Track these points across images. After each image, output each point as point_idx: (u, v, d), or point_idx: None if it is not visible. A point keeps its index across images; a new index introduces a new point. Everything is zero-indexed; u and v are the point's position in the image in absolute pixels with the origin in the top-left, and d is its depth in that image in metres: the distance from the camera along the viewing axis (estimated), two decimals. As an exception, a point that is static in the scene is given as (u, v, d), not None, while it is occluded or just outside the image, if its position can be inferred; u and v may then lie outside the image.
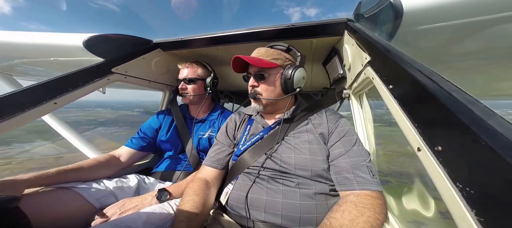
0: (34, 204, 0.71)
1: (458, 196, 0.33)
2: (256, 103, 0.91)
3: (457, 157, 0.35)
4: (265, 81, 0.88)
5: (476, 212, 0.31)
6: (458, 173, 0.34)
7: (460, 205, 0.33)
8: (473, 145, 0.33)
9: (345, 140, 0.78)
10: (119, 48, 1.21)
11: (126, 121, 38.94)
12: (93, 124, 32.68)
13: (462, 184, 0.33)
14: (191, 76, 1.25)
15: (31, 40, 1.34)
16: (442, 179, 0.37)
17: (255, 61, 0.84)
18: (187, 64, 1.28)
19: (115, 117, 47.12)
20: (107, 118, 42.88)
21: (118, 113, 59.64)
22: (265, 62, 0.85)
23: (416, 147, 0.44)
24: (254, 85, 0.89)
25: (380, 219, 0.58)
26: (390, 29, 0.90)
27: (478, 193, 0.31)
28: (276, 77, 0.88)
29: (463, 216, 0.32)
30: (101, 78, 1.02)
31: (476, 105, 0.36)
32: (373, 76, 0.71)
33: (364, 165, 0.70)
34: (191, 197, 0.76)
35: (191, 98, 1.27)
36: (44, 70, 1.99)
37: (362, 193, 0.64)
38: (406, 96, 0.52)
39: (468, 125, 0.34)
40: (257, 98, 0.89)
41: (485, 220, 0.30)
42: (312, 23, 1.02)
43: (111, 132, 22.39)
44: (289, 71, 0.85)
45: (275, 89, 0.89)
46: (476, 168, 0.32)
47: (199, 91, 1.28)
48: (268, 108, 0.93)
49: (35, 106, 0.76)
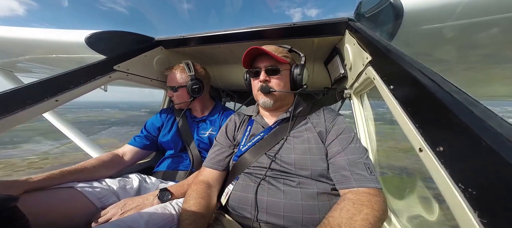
0: (36, 204, 0.71)
1: (460, 197, 0.33)
2: (267, 97, 0.89)
3: (459, 158, 0.35)
4: (277, 76, 0.88)
5: (479, 213, 0.30)
6: (461, 174, 0.34)
7: (463, 206, 0.32)
8: (475, 145, 0.33)
9: (342, 137, 0.78)
10: (120, 45, 1.21)
11: (136, 121, 39.22)
12: (106, 123, 32.86)
13: (464, 185, 0.33)
14: (173, 84, 1.23)
15: (32, 36, 1.33)
16: (444, 179, 0.36)
17: (273, 54, 0.84)
18: (169, 70, 1.25)
19: (125, 117, 47.46)
20: (118, 118, 43.21)
21: (126, 113, 59.91)
22: (280, 57, 0.86)
23: (418, 148, 0.44)
24: (266, 79, 0.88)
25: (378, 216, 0.58)
26: (390, 29, 0.90)
27: (481, 194, 0.31)
28: (287, 74, 0.90)
29: (466, 217, 0.32)
30: (102, 75, 1.01)
31: (476, 107, 0.36)
32: (374, 76, 0.71)
33: (361, 162, 0.70)
34: (197, 199, 0.77)
35: (178, 105, 1.27)
36: (45, 67, 1.99)
37: (360, 190, 0.65)
38: (407, 97, 0.52)
39: (470, 125, 0.34)
40: (270, 92, 0.87)
41: (488, 222, 0.29)
42: (313, 23, 1.02)
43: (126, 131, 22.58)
44: (298, 68, 0.88)
45: (285, 85, 0.90)
46: (479, 168, 0.32)
47: (183, 99, 1.25)
48: (276, 104, 0.92)
49: (37, 103, 0.76)
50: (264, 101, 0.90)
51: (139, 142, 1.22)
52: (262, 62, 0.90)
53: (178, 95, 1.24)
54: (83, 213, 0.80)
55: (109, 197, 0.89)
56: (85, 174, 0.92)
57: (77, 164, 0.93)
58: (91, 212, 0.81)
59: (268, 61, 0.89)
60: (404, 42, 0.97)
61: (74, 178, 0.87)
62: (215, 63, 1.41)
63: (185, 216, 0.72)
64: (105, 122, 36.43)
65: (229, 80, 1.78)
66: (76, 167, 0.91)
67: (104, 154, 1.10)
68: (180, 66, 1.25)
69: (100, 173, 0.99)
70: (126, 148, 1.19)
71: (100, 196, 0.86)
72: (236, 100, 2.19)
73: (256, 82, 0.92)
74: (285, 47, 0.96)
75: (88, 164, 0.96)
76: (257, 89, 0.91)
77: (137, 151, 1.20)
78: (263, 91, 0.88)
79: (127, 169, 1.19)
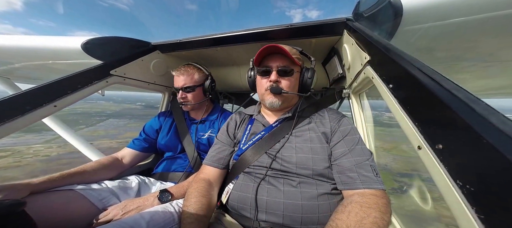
0: (38, 206, 0.71)
1: (458, 194, 0.33)
2: (276, 98, 0.86)
3: (458, 155, 0.36)
4: (289, 77, 0.87)
5: (477, 209, 0.31)
6: (459, 171, 0.35)
7: (461, 203, 0.33)
8: (474, 142, 0.33)
9: (348, 139, 0.78)
10: (117, 50, 1.21)
11: (131, 114, 39.31)
12: (103, 115, 32.95)
13: (462, 182, 0.33)
14: (189, 83, 1.21)
15: (29, 43, 1.34)
16: (443, 177, 0.37)
17: (291, 55, 0.81)
18: (182, 70, 1.22)
19: (121, 110, 47.59)
20: (114, 110, 43.32)
21: (122, 106, 60.04)
22: (295, 58, 0.84)
23: (417, 145, 0.44)
24: (277, 80, 0.85)
25: (386, 219, 0.57)
26: (389, 28, 0.90)
27: (479, 190, 0.31)
28: (298, 76, 0.89)
29: (464, 213, 0.32)
30: (99, 80, 1.02)
31: (477, 104, 0.36)
32: (373, 75, 0.71)
33: (368, 164, 0.70)
34: (198, 198, 0.76)
35: (192, 106, 1.25)
36: (43, 74, 1.99)
37: (367, 192, 0.64)
38: (406, 95, 0.52)
39: (469, 123, 0.34)
40: (281, 93, 0.84)
41: (485, 218, 0.30)
42: (311, 23, 1.01)
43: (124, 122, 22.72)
44: (309, 72, 0.88)
45: (295, 87, 0.89)
46: (477, 165, 0.32)
47: (199, 98, 1.26)
48: (282, 105, 0.89)
49: (35, 109, 0.76)
50: (272, 101, 0.87)
51: (138, 145, 1.22)
52: (274, 61, 0.87)
53: (195, 95, 1.24)
54: (84, 214, 0.81)
55: (110, 198, 0.90)
56: (85, 177, 0.92)
57: (77, 167, 0.93)
58: (92, 214, 0.81)
59: (281, 61, 0.86)
60: (404, 41, 0.96)
61: (74, 180, 0.87)
62: (212, 66, 1.41)
63: (187, 215, 0.71)
64: (101, 113, 36.58)
65: (227, 82, 1.77)
66: (76, 169, 0.91)
67: (104, 157, 1.10)
68: (192, 66, 1.25)
69: (100, 175, 0.99)
70: (125, 151, 1.20)
71: (101, 198, 0.87)
72: (233, 102, 2.18)
73: (264, 81, 0.88)
74: (298, 49, 0.93)
75: (87, 166, 0.96)
76: (265, 89, 0.87)
77: (136, 153, 1.21)
78: (274, 91, 0.85)
79: (126, 171, 1.19)
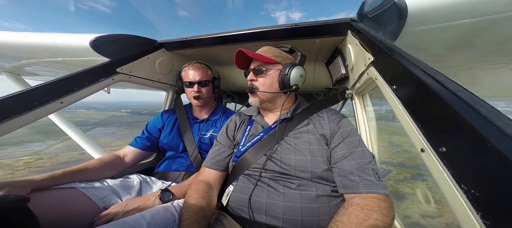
0: (39, 203, 0.71)
1: (463, 199, 0.33)
2: (253, 97, 0.93)
3: (462, 158, 0.35)
4: (263, 76, 0.89)
5: (482, 214, 0.30)
6: (463, 175, 0.34)
7: (465, 208, 0.32)
8: (479, 146, 0.32)
9: (348, 141, 0.77)
10: (124, 48, 1.23)
11: (119, 122, 39.20)
12: (87, 124, 32.93)
13: (467, 186, 0.32)
14: (205, 78, 1.26)
15: (39, 41, 1.37)
16: (446, 180, 0.36)
17: (254, 55, 0.87)
18: (196, 66, 1.26)
19: (105, 118, 47.52)
20: (98, 119, 43.19)
21: (105, 114, 59.51)
22: (265, 57, 0.88)
23: (420, 148, 0.43)
24: (252, 79, 0.91)
25: (387, 222, 0.56)
26: (394, 29, 0.89)
27: (484, 195, 0.30)
28: (275, 74, 0.90)
29: (468, 218, 0.31)
30: (106, 78, 1.03)
31: (483, 106, 0.35)
32: (377, 76, 0.70)
33: (369, 168, 0.69)
34: (198, 199, 0.77)
35: (204, 100, 1.28)
36: (51, 70, 2.03)
37: (368, 196, 0.63)
38: (410, 97, 0.51)
39: (474, 125, 0.33)
40: (254, 92, 0.91)
41: (491, 223, 0.29)
42: (315, 23, 1.01)
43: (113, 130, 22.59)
44: (287, 69, 0.87)
45: (272, 85, 0.89)
46: (482, 169, 0.31)
47: (210, 93, 1.30)
48: (265, 104, 0.94)
49: (43, 105, 0.78)
50: (251, 101, 0.94)
51: (140, 143, 1.23)
52: (253, 63, 0.93)
53: (208, 90, 1.29)
54: (85, 213, 0.81)
55: (111, 197, 0.90)
56: (87, 175, 0.93)
57: (79, 165, 0.94)
58: (93, 212, 0.82)
59: (256, 62, 0.91)
60: (408, 42, 0.95)
61: (75, 178, 0.88)
62: (216, 65, 1.42)
63: (186, 216, 0.71)
64: (85, 122, 36.31)
65: (230, 82, 1.78)
66: (77, 167, 0.91)
67: (105, 155, 1.11)
68: (202, 64, 1.30)
69: (101, 173, 0.99)
70: (127, 149, 1.20)
71: (102, 196, 0.87)
72: (237, 101, 2.19)
73: (248, 81, 0.94)
74: (284, 47, 0.96)
75: (89, 164, 0.96)
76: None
77: (138, 152, 1.21)
78: (248, 90, 0.92)
79: (128, 170, 1.19)
